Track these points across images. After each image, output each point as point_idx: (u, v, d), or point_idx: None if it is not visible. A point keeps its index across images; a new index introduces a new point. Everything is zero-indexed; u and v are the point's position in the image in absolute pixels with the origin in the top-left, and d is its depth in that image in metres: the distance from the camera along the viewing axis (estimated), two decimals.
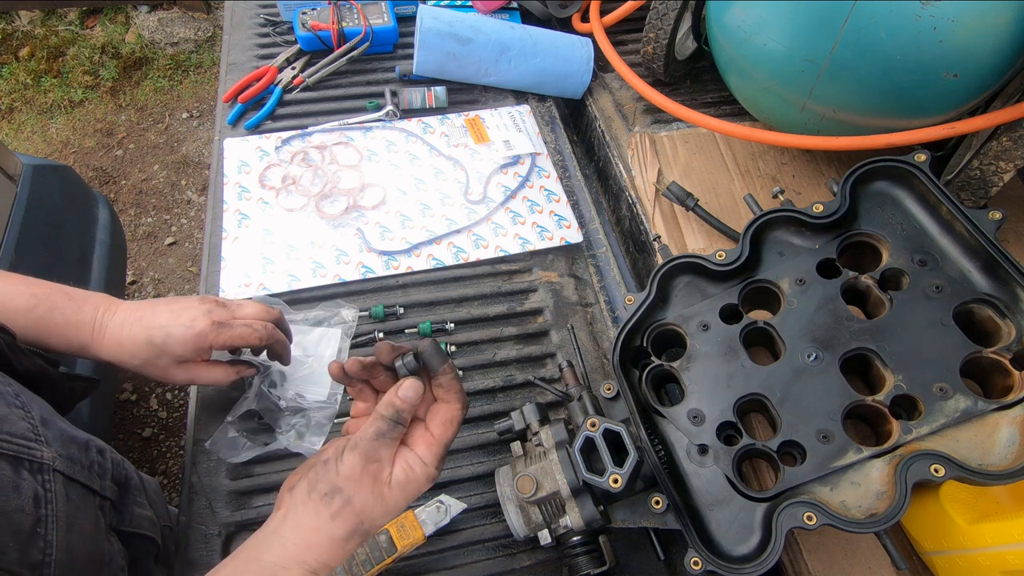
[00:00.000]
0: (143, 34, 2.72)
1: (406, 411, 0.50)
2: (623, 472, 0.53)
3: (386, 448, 0.49)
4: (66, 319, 0.58)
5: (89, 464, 0.56)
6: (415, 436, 0.52)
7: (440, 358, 0.52)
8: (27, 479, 0.47)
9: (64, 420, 0.57)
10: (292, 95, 1.01)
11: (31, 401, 0.53)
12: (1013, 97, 0.70)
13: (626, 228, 0.94)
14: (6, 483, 0.45)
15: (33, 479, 0.47)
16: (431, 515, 0.64)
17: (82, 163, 2.39)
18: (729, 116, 0.95)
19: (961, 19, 0.61)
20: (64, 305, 0.58)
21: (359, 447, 0.48)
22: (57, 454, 0.51)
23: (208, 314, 0.60)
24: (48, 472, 0.49)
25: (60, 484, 0.50)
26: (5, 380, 0.51)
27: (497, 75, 1.01)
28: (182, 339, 0.59)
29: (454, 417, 0.53)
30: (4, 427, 0.47)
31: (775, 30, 0.72)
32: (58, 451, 0.52)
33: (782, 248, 0.68)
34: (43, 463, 0.49)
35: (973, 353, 0.58)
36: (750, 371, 0.62)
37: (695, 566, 0.53)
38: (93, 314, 0.59)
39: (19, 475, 0.46)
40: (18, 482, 0.46)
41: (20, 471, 0.46)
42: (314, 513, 0.47)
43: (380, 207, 0.89)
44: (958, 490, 0.58)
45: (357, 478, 0.47)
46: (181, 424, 1.82)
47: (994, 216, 0.60)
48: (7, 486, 0.45)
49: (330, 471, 0.48)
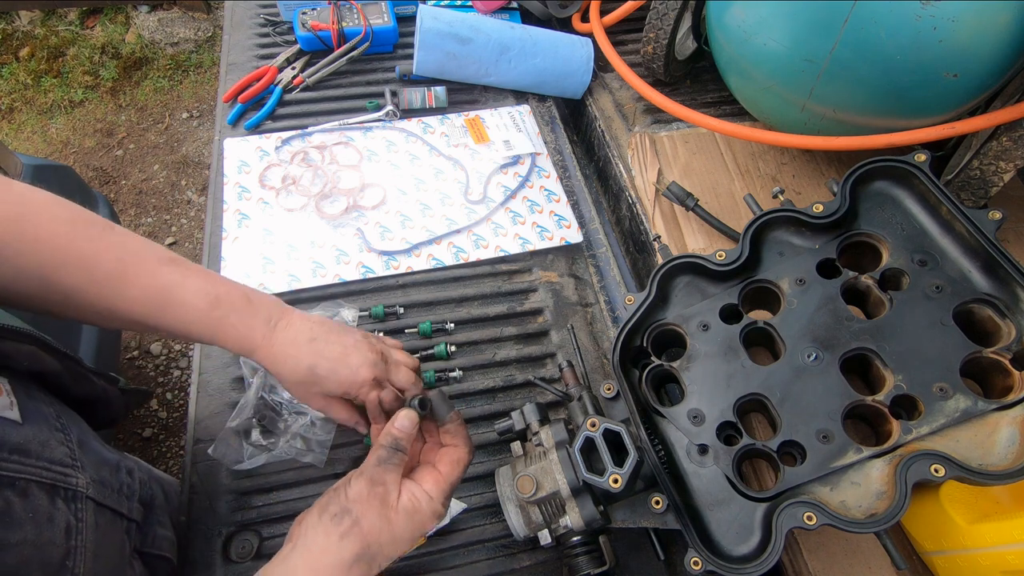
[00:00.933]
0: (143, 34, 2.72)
1: (403, 439, 0.54)
2: (623, 472, 0.53)
3: (389, 473, 0.52)
4: (242, 322, 0.57)
5: (119, 487, 0.56)
6: (423, 474, 0.55)
7: (447, 407, 0.57)
8: (61, 509, 0.46)
9: (98, 440, 0.57)
10: (292, 95, 1.01)
11: (70, 423, 0.52)
12: (1013, 97, 0.70)
13: (626, 228, 0.94)
14: (41, 514, 0.44)
15: (67, 508, 0.47)
16: None
17: (82, 163, 2.40)
18: (729, 116, 0.95)
19: (961, 19, 0.61)
20: (242, 308, 0.58)
21: (364, 473, 0.51)
22: (91, 479, 0.51)
23: (373, 367, 0.60)
24: (81, 500, 0.49)
25: (91, 512, 0.49)
26: (48, 400, 0.51)
27: (497, 75, 1.01)
28: (343, 382, 0.59)
29: (461, 459, 0.56)
30: (45, 453, 0.46)
31: (775, 30, 0.72)
32: (92, 476, 0.51)
33: (782, 248, 0.68)
34: (77, 491, 0.48)
35: (973, 353, 0.58)
36: (750, 371, 0.62)
37: (695, 566, 0.53)
38: (266, 321, 0.59)
39: (54, 505, 0.46)
40: (53, 512, 0.45)
41: (55, 500, 0.46)
42: (324, 535, 0.48)
43: (380, 207, 0.89)
44: (958, 490, 0.58)
45: (365, 500, 0.50)
46: (181, 424, 1.82)
47: (994, 216, 0.60)
48: (42, 517, 0.44)
49: (340, 495, 0.50)
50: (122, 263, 0.53)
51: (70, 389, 0.55)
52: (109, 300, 0.53)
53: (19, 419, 0.46)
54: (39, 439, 0.47)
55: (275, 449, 0.67)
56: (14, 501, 0.42)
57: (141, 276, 0.54)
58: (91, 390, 0.57)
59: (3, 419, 0.44)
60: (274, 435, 0.69)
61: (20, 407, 0.46)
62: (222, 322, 0.56)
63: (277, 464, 0.68)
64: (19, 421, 0.46)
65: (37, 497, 0.44)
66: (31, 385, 0.51)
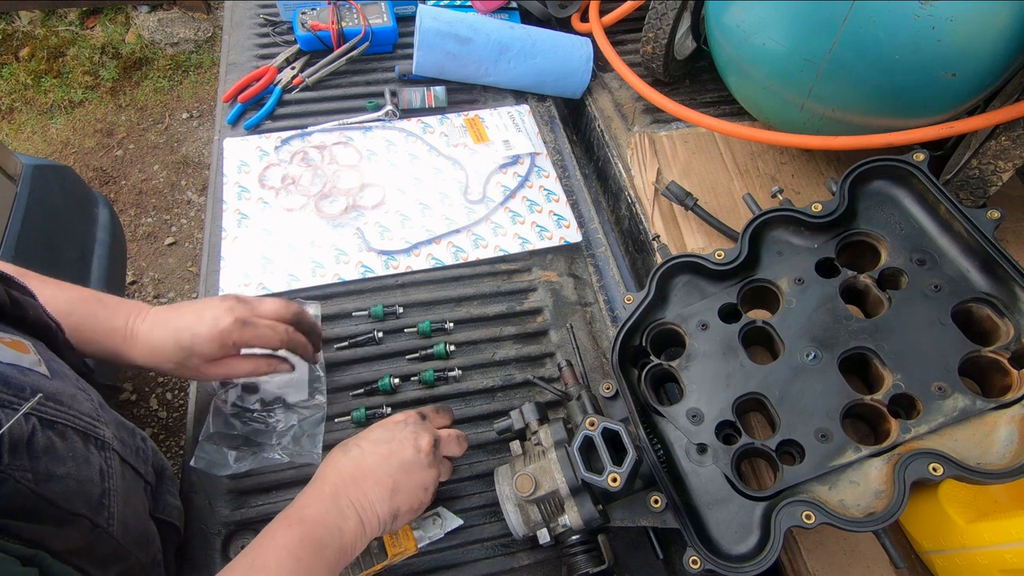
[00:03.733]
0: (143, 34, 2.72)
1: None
2: (622, 471, 0.53)
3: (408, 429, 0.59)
4: (100, 325, 0.60)
5: (136, 449, 0.58)
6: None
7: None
8: (94, 453, 0.49)
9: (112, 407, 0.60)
10: (292, 95, 1.01)
11: (88, 386, 0.55)
12: (1012, 97, 0.70)
13: (625, 228, 0.94)
14: (79, 455, 0.47)
15: (99, 454, 0.50)
16: (426, 526, 0.64)
17: (82, 163, 2.40)
18: (729, 116, 0.95)
19: (959, 19, 0.61)
20: (98, 311, 0.60)
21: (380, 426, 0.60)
22: (114, 435, 0.53)
23: (230, 311, 0.62)
24: (109, 450, 0.51)
25: (117, 463, 0.52)
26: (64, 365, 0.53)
27: (497, 75, 1.01)
28: (207, 337, 0.61)
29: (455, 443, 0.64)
30: (75, 405, 0.49)
31: (774, 30, 0.72)
32: (114, 432, 0.54)
33: (781, 247, 0.68)
34: (105, 441, 0.51)
35: (971, 352, 0.58)
36: (749, 370, 0.62)
37: (694, 565, 0.53)
38: (125, 320, 0.61)
39: (88, 449, 0.49)
40: (88, 455, 0.48)
41: (89, 446, 0.49)
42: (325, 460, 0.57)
43: (379, 207, 0.89)
44: (957, 489, 0.58)
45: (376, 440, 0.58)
46: (181, 424, 1.82)
47: (992, 215, 0.60)
48: (80, 458, 0.47)
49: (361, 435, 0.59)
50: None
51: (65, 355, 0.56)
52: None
53: (48, 374, 0.48)
54: (68, 392, 0.49)
55: (262, 452, 0.68)
56: (56, 440, 0.45)
57: None
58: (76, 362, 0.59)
59: (36, 372, 0.47)
60: (258, 443, 0.69)
61: (47, 365, 0.49)
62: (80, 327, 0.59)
63: (276, 464, 0.68)
64: (48, 375, 0.48)
65: (74, 440, 0.47)
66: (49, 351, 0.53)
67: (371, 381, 0.74)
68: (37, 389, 0.45)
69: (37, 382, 0.46)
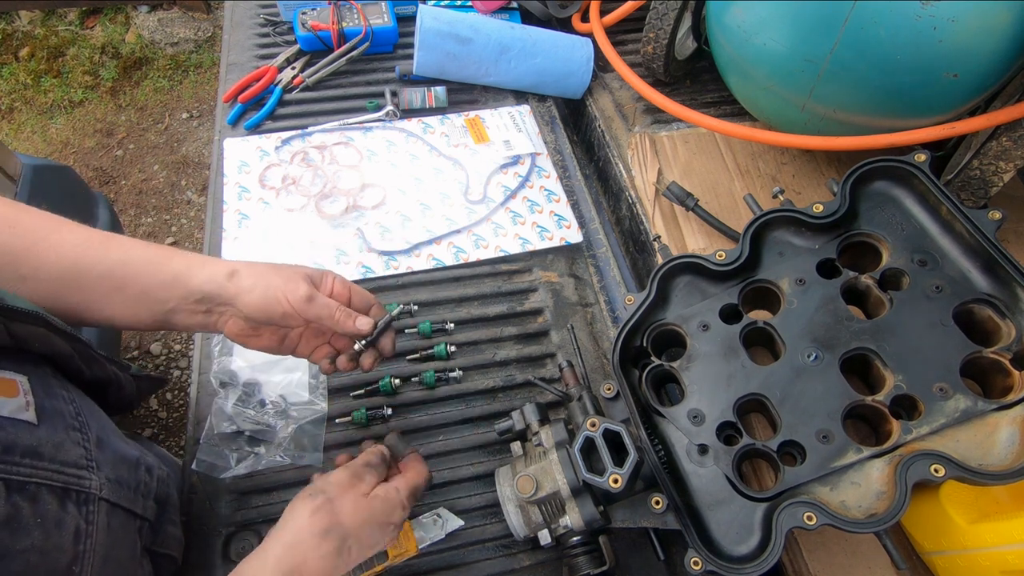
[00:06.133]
0: (143, 34, 2.72)
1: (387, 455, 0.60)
2: (623, 472, 0.53)
3: (370, 475, 0.56)
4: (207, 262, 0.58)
5: (136, 485, 0.56)
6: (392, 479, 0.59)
7: (404, 444, 0.64)
8: (71, 513, 0.46)
9: (119, 436, 0.57)
10: (292, 95, 1.01)
11: (90, 418, 0.53)
12: (1013, 97, 0.70)
13: (626, 228, 0.94)
14: (50, 519, 0.44)
15: (77, 512, 0.47)
16: (427, 527, 0.64)
17: (82, 163, 2.39)
18: (729, 116, 0.95)
19: (961, 19, 0.61)
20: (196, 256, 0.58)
21: (350, 467, 0.57)
22: (106, 479, 0.51)
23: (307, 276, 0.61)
24: (94, 503, 0.48)
25: (103, 514, 0.50)
26: (68, 397, 0.51)
27: (497, 75, 1.01)
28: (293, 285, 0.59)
29: (421, 471, 0.61)
30: (59, 456, 0.46)
31: (775, 30, 0.72)
32: (107, 475, 0.51)
33: (782, 248, 0.68)
34: (90, 493, 0.48)
35: (973, 353, 0.58)
36: (750, 371, 0.62)
37: (695, 566, 0.53)
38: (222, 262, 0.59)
39: (64, 509, 0.46)
40: (62, 517, 0.45)
41: (66, 504, 0.46)
42: (299, 509, 0.52)
43: (380, 207, 0.89)
44: (958, 490, 0.58)
45: (343, 485, 0.54)
46: (181, 424, 1.82)
47: (994, 216, 0.60)
48: (50, 523, 0.44)
49: (322, 480, 0.55)
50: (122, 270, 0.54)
51: (84, 372, 0.55)
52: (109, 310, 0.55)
53: (35, 420, 0.46)
54: (53, 441, 0.47)
55: (263, 454, 0.68)
56: (23, 506, 0.42)
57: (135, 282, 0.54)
58: (103, 374, 0.58)
59: (18, 421, 0.44)
60: (261, 444, 0.69)
61: (37, 407, 0.46)
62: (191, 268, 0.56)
63: (276, 465, 0.68)
64: (34, 423, 0.46)
65: (47, 502, 0.44)
66: (51, 380, 0.51)
67: (371, 382, 0.74)
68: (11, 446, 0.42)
69: (14, 436, 0.43)
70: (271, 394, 0.72)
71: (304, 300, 0.57)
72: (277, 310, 0.56)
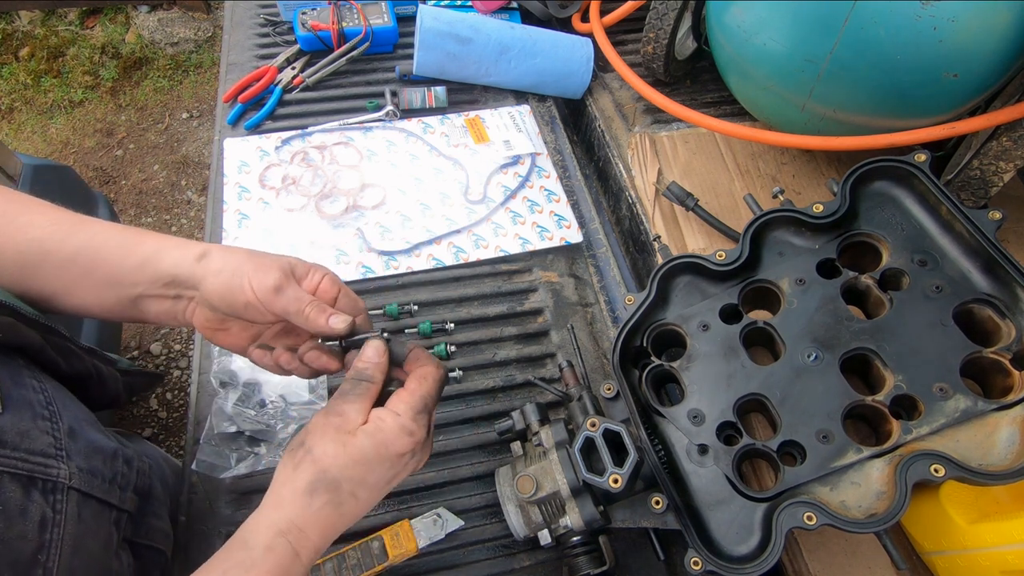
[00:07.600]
0: (143, 34, 2.72)
1: (367, 369, 0.50)
2: (623, 472, 0.53)
3: (348, 404, 0.49)
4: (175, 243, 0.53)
5: (112, 476, 0.55)
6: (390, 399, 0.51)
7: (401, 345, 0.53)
8: (37, 501, 0.45)
9: (97, 428, 0.56)
10: (292, 95, 1.01)
11: (63, 409, 0.51)
12: (1013, 97, 0.70)
13: (626, 228, 0.94)
14: (12, 508, 0.43)
15: (44, 500, 0.46)
16: (426, 527, 0.64)
17: (82, 163, 2.40)
18: (729, 116, 0.95)
19: (961, 19, 0.61)
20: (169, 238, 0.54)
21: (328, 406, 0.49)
22: (77, 468, 0.50)
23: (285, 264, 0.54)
24: (62, 491, 0.47)
25: (73, 503, 0.48)
26: (39, 387, 0.50)
27: (497, 75, 1.01)
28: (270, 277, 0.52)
29: (428, 373, 0.52)
30: (23, 444, 0.45)
31: (775, 30, 0.72)
32: (79, 465, 0.50)
33: (782, 248, 0.68)
34: (57, 482, 0.47)
35: (973, 353, 0.58)
36: (750, 371, 0.62)
37: (695, 566, 0.53)
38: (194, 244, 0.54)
39: (29, 497, 0.45)
40: (26, 505, 0.44)
41: (31, 492, 0.45)
42: (282, 469, 0.47)
43: (380, 207, 0.89)
44: (958, 490, 0.58)
45: (319, 429, 0.48)
46: (181, 424, 1.82)
47: (994, 216, 0.60)
48: (13, 511, 0.43)
49: (301, 432, 0.49)
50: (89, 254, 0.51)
51: (60, 365, 0.54)
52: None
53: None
54: (19, 429, 0.46)
55: (263, 454, 0.67)
56: None
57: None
58: (82, 367, 0.56)
59: None
60: (261, 444, 0.69)
61: (3, 395, 0.45)
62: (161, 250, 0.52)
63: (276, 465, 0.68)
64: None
65: (9, 489, 0.43)
66: (22, 370, 0.49)
67: None
68: None
69: None
70: (271, 394, 0.72)
71: (270, 290, 0.49)
72: (240, 299, 0.49)
